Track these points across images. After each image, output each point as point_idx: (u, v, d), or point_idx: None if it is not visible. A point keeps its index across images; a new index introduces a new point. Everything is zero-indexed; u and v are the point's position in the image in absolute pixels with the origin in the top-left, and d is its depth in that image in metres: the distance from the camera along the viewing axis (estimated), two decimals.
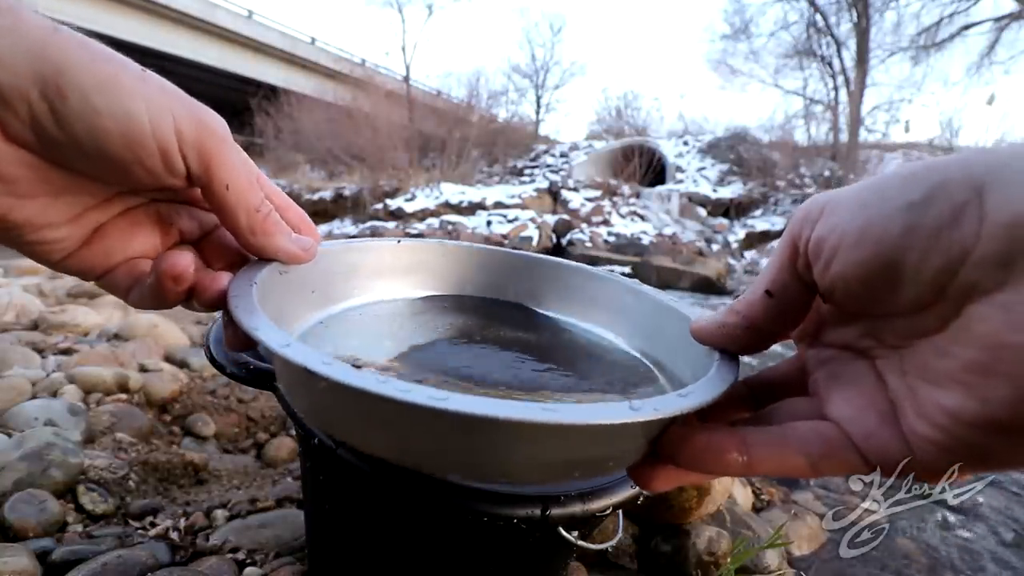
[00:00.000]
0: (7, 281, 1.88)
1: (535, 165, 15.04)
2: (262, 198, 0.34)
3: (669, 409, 0.24)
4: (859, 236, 0.23)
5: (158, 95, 0.29)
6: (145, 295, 0.34)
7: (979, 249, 0.20)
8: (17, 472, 0.73)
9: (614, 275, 0.47)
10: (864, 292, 0.24)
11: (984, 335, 0.20)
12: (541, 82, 21.27)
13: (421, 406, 0.21)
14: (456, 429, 0.24)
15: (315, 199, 10.26)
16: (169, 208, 0.36)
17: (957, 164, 0.21)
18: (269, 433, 1.19)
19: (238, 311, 0.29)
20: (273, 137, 13.61)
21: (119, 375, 1.14)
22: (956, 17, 12.33)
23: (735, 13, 15.65)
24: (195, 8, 13.89)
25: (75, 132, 0.27)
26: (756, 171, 11.77)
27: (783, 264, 0.27)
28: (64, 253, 0.32)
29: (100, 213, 0.32)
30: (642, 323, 0.43)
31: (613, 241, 8.03)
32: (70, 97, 0.26)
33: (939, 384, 0.21)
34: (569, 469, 0.26)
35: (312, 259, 0.38)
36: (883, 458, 0.24)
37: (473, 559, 0.51)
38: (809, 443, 0.25)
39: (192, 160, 0.30)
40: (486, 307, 0.49)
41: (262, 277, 0.33)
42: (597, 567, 0.76)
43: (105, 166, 0.29)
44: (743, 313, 0.29)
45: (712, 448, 0.26)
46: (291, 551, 0.68)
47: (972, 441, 0.21)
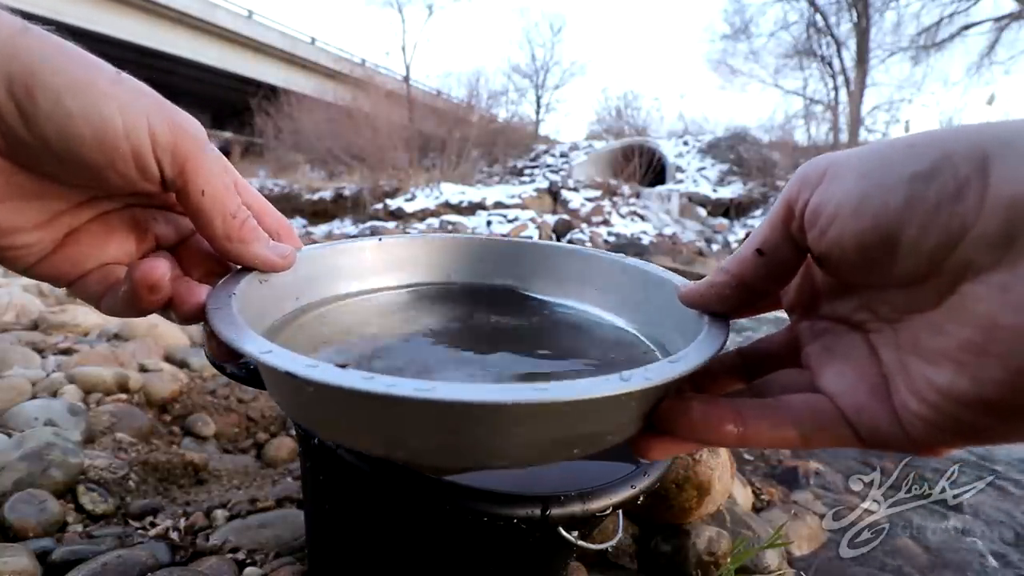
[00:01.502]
0: (7, 281, 1.88)
1: (535, 165, 15.04)
2: (239, 204, 0.33)
3: (660, 376, 0.24)
4: (858, 205, 0.22)
5: (132, 98, 0.28)
6: (118, 303, 0.32)
7: (979, 226, 0.19)
8: (17, 472, 0.73)
9: (600, 252, 0.47)
10: (859, 261, 0.23)
11: (979, 315, 0.19)
12: (541, 82, 21.29)
13: (408, 399, 0.21)
14: (446, 418, 0.24)
15: (315, 199, 10.26)
16: (145, 213, 0.35)
17: (965, 136, 0.21)
18: (269, 433, 1.19)
19: (217, 323, 0.29)
20: (273, 137, 13.61)
21: (119, 375, 1.14)
22: (956, 17, 12.34)
23: (735, 13, 15.66)
24: (195, 8, 13.89)
25: (45, 134, 0.26)
26: (756, 171, 11.76)
27: (776, 224, 0.27)
28: (34, 259, 0.31)
29: (72, 218, 0.31)
30: (632, 296, 0.43)
31: (613, 241, 8.03)
32: (40, 98, 0.26)
33: (932, 361, 0.21)
34: (568, 447, 0.26)
35: (290, 266, 0.37)
36: (873, 432, 0.24)
37: (473, 559, 0.51)
38: (801, 416, 0.25)
39: (167, 165, 0.29)
40: (473, 294, 0.48)
41: (241, 288, 0.33)
42: (597, 567, 0.76)
43: (76, 170, 0.28)
44: (732, 271, 0.29)
45: (709, 419, 0.26)
46: (291, 551, 0.68)
47: (962, 419, 0.21)
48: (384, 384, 0.21)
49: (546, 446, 0.26)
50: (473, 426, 0.24)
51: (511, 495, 0.44)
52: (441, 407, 0.22)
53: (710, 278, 0.30)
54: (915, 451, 0.23)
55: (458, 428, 0.24)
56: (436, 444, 0.25)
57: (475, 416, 0.23)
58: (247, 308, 0.31)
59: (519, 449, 0.26)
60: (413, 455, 0.26)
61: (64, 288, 0.34)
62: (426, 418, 0.24)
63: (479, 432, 0.25)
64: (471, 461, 0.26)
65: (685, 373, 0.25)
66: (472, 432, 0.25)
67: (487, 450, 0.26)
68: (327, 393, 0.22)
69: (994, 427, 0.20)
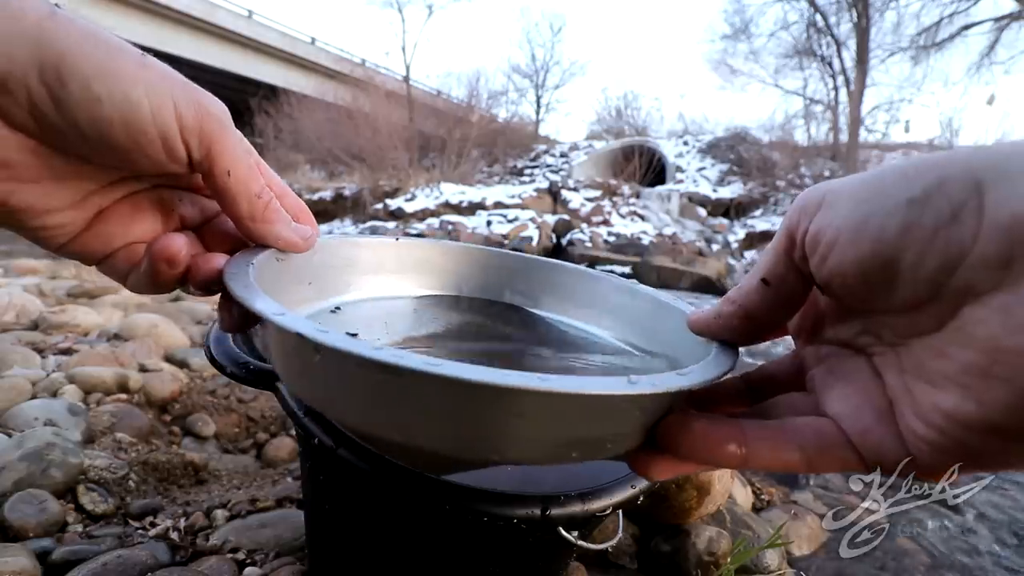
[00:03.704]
0: (7, 281, 1.88)
1: (535, 165, 15.05)
2: (263, 185, 0.33)
3: (667, 385, 0.24)
4: (856, 232, 0.22)
5: (159, 81, 0.29)
6: (140, 279, 0.33)
7: (977, 249, 0.19)
8: (17, 472, 0.73)
9: (610, 275, 0.47)
10: (860, 288, 0.23)
11: (981, 338, 0.19)
12: (541, 82, 21.32)
13: (416, 371, 0.21)
14: (449, 398, 0.23)
15: (315, 199, 10.26)
16: (171, 194, 0.35)
17: (957, 161, 0.21)
18: (269, 433, 1.19)
19: (234, 285, 0.29)
20: (273, 137, 13.60)
21: (119, 375, 1.14)
22: (956, 17, 12.34)
23: (735, 13, 15.68)
24: (196, 8, 13.89)
25: (75, 119, 0.27)
26: (756, 171, 11.77)
27: (779, 254, 0.27)
28: (66, 238, 0.32)
29: (102, 198, 0.32)
30: (640, 321, 0.43)
31: (613, 241, 8.03)
32: (70, 84, 0.26)
33: (936, 384, 0.21)
34: (567, 448, 0.26)
35: (311, 248, 0.37)
36: (879, 456, 0.23)
37: (473, 559, 0.51)
38: (805, 439, 0.25)
39: (193, 146, 0.30)
40: (482, 308, 0.49)
41: (259, 260, 0.33)
42: (597, 567, 0.76)
43: (106, 152, 0.29)
44: (739, 302, 0.29)
45: (711, 438, 0.25)
46: (291, 551, 0.68)
47: (968, 442, 0.20)
48: (392, 355, 0.21)
49: (546, 444, 0.26)
50: (475, 410, 0.24)
51: (511, 495, 0.44)
52: (446, 384, 0.21)
53: (718, 308, 0.30)
54: (920, 475, 0.23)
55: (460, 411, 0.24)
56: (437, 429, 0.25)
57: (478, 398, 0.23)
58: (262, 280, 0.32)
59: (518, 443, 0.25)
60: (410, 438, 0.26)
61: (93, 265, 0.34)
62: (430, 396, 0.24)
63: (480, 418, 0.24)
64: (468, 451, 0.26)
65: (692, 386, 0.25)
66: (473, 417, 0.24)
67: (486, 440, 0.25)
68: (335, 360, 0.22)
69: (1001, 450, 0.20)
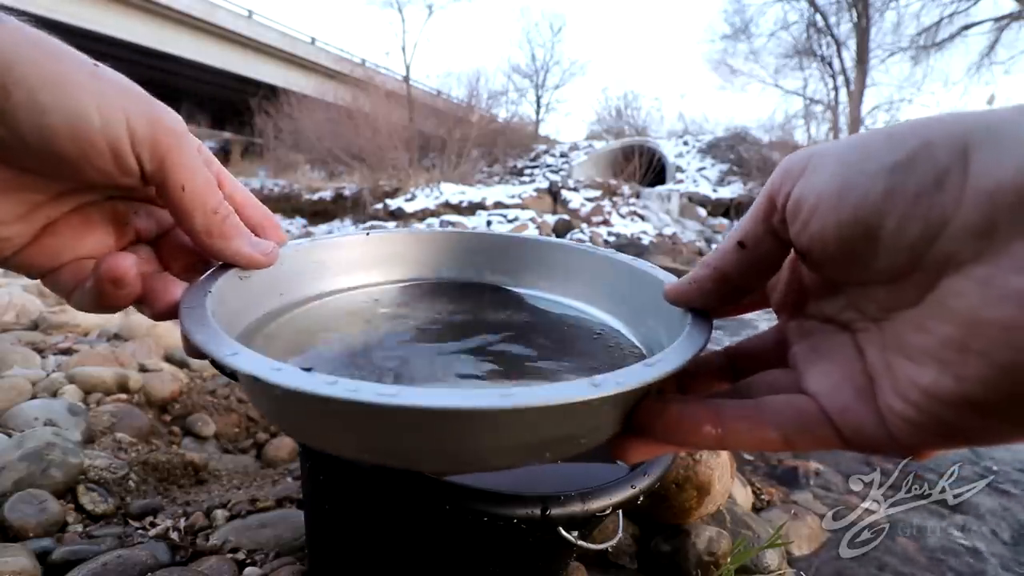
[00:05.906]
0: (7, 281, 1.88)
1: (535, 165, 15.04)
2: (220, 199, 0.32)
3: (632, 382, 0.23)
4: (838, 198, 0.22)
5: (110, 92, 0.27)
6: (85, 297, 0.32)
7: (959, 218, 0.18)
8: (17, 472, 0.73)
9: (589, 247, 0.46)
10: (841, 256, 0.23)
11: (960, 310, 0.19)
12: (541, 82, 21.33)
13: (371, 404, 0.20)
14: (411, 424, 0.23)
15: (315, 199, 10.26)
16: (126, 206, 0.34)
17: (943, 125, 0.20)
18: (269, 433, 1.19)
19: (187, 323, 0.28)
20: (273, 137, 13.61)
21: (119, 375, 1.14)
22: (956, 17, 12.34)
23: (735, 13, 15.68)
24: (196, 8, 13.88)
25: (21, 130, 0.26)
26: (756, 171, 11.75)
27: (758, 217, 0.26)
28: (11, 251, 0.30)
29: (51, 209, 0.31)
30: (619, 291, 0.42)
31: (613, 241, 8.03)
32: (15, 93, 0.25)
33: (915, 360, 0.21)
34: (540, 450, 0.26)
35: (272, 263, 0.36)
36: (857, 434, 0.23)
37: (473, 559, 0.51)
38: (783, 417, 0.25)
39: (145, 159, 0.29)
40: (462, 290, 0.48)
41: (219, 286, 0.32)
42: (597, 567, 0.76)
43: (54, 165, 0.28)
44: (713, 264, 0.28)
45: (686, 420, 0.25)
46: (291, 551, 0.68)
47: (946, 419, 0.20)
48: (346, 389, 0.21)
49: (518, 450, 0.25)
50: (440, 431, 0.24)
51: (511, 495, 0.44)
52: (405, 413, 0.21)
53: (692, 273, 0.30)
54: (900, 453, 0.23)
55: (425, 433, 0.24)
56: (405, 448, 0.25)
57: (440, 422, 0.23)
58: (225, 306, 0.31)
59: (489, 454, 0.25)
60: (382, 458, 0.26)
61: (37, 280, 0.33)
62: (391, 422, 0.23)
63: (446, 437, 0.24)
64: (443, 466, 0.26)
65: (659, 378, 0.24)
66: (439, 437, 0.24)
67: (456, 455, 0.25)
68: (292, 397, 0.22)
69: (978, 427, 0.20)
